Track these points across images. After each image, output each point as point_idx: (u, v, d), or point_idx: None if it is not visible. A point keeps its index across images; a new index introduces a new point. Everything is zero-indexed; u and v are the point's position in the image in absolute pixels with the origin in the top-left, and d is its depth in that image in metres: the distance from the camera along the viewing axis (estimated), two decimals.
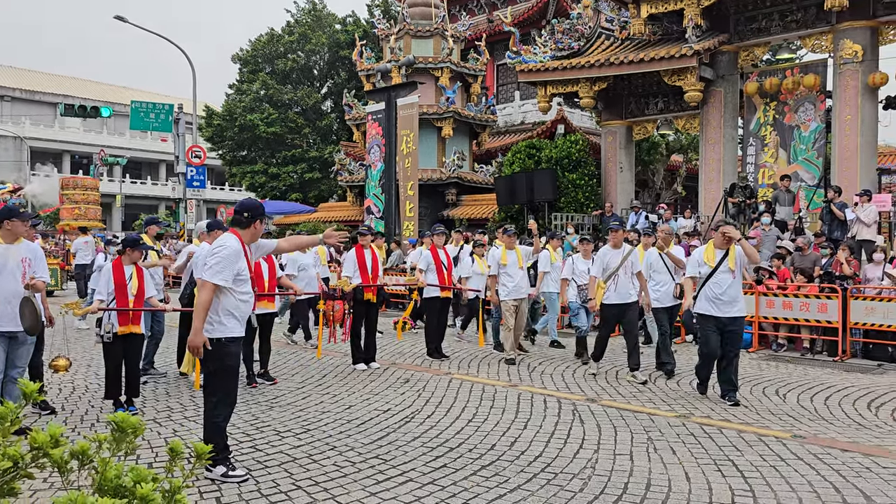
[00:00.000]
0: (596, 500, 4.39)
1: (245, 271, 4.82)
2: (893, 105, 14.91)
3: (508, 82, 29.93)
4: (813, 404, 7.03)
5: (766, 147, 16.11)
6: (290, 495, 4.45)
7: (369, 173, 20.86)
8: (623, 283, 8.11)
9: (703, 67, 15.77)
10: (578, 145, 18.67)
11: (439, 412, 6.61)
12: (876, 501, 4.35)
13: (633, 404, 6.95)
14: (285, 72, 35.28)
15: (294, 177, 34.08)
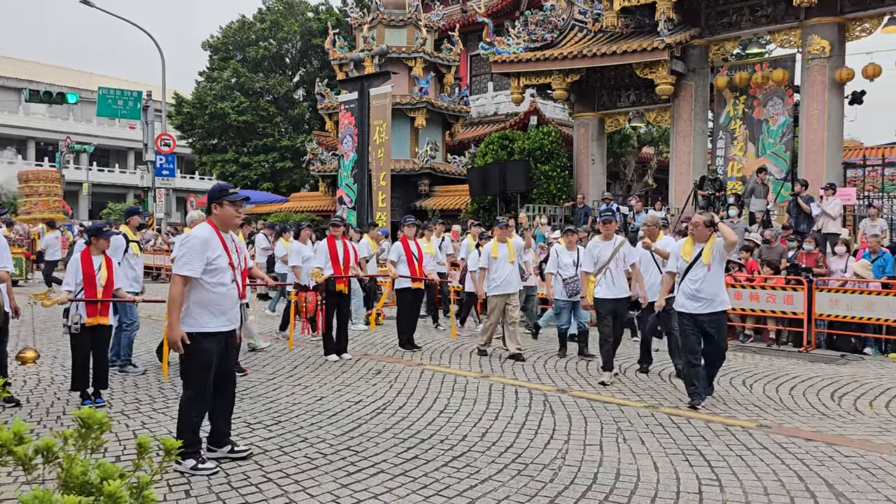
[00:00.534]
0: (566, 490, 4.43)
1: (218, 261, 4.65)
2: (859, 100, 15.18)
3: (482, 73, 29.90)
4: (778, 394, 7.17)
5: (735, 140, 16.32)
6: (261, 487, 4.43)
7: (342, 163, 20.71)
8: (615, 276, 7.74)
9: (675, 61, 15.92)
10: (551, 137, 18.76)
11: (411, 403, 6.62)
12: (837, 489, 4.46)
13: (604, 395, 7.03)
14: (257, 59, 34.89)
15: (265, 166, 33.77)
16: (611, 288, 7.74)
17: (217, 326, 4.67)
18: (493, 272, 9.03)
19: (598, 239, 7.97)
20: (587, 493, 4.39)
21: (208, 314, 4.62)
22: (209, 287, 4.61)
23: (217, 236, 4.69)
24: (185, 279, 4.56)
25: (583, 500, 4.26)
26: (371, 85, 17.68)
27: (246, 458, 4.90)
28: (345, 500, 4.25)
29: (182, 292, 4.58)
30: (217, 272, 4.64)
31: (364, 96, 17.08)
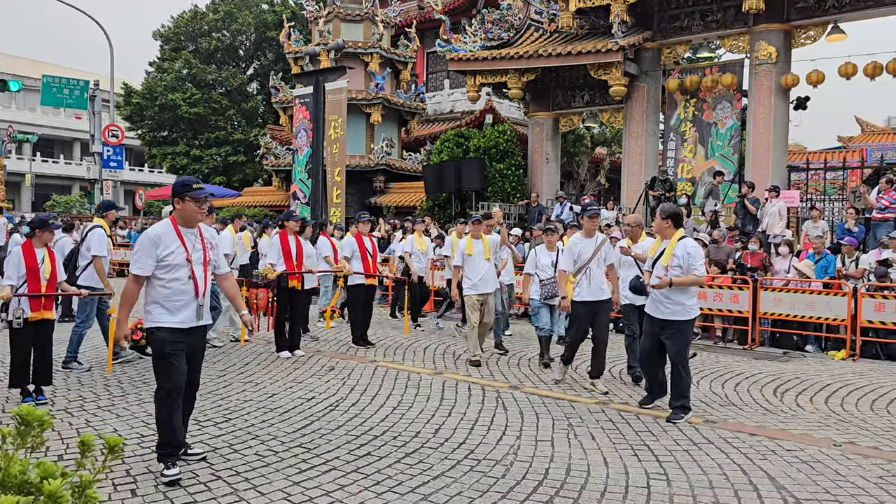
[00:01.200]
0: (517, 485, 4.47)
1: (172, 257, 4.51)
2: (803, 106, 15.64)
3: (438, 70, 29.90)
4: (724, 390, 7.35)
5: (685, 142, 16.65)
6: (210, 486, 4.35)
7: (296, 158, 20.50)
8: (596, 277, 7.14)
9: (628, 63, 16.17)
10: (506, 135, 18.87)
11: (364, 400, 6.59)
12: (779, 482, 4.59)
13: (555, 391, 7.10)
14: (209, 51, 34.23)
15: (217, 159, 33.18)
16: (591, 290, 7.12)
17: (173, 323, 4.52)
18: (468, 270, 8.51)
19: (580, 236, 7.31)
20: (538, 488, 4.43)
21: (163, 310, 4.53)
22: (163, 283, 4.52)
23: (174, 232, 4.58)
24: (137, 277, 4.51)
25: (534, 496, 4.30)
26: (326, 79, 17.52)
27: (200, 460, 4.78)
28: (296, 497, 4.21)
29: (133, 290, 4.51)
30: (170, 268, 4.53)
31: (319, 91, 16.92)
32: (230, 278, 5.10)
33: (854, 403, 6.88)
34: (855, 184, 17.71)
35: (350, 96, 20.78)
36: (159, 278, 4.52)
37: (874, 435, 5.77)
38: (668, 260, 6.09)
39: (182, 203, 4.61)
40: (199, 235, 4.72)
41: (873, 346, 9.61)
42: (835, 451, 5.29)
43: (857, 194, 12.88)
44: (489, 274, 8.52)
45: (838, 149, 26.37)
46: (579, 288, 7.15)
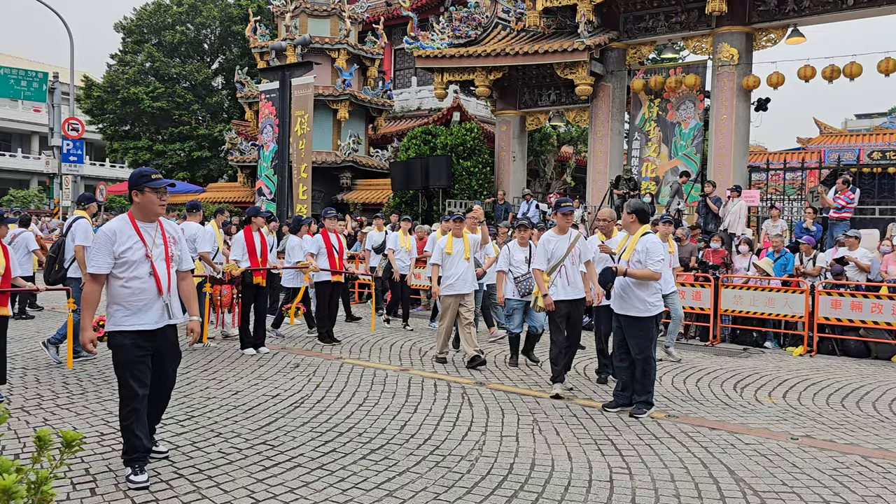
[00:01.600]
0: (482, 480, 4.49)
1: (130, 253, 4.31)
2: (764, 107, 15.95)
3: (406, 67, 29.83)
4: (686, 386, 7.48)
5: (649, 142, 16.87)
6: (172, 484, 4.30)
7: (261, 154, 20.29)
8: (572, 275, 6.88)
9: (594, 62, 16.32)
10: (473, 133, 18.92)
11: (329, 397, 6.56)
12: (738, 475, 4.69)
13: (521, 387, 7.15)
14: (173, 44, 33.69)
15: (181, 154, 32.69)
16: (566, 288, 6.84)
17: (133, 325, 4.31)
18: (446, 269, 8.26)
19: (553, 232, 7.02)
20: (503, 482, 4.46)
21: (125, 311, 4.31)
22: (122, 282, 4.32)
23: (132, 226, 4.38)
24: (95, 277, 4.31)
25: (499, 490, 4.33)
26: (293, 75, 17.39)
27: (163, 458, 4.70)
28: (260, 494, 4.17)
29: (92, 291, 4.30)
30: (129, 265, 4.32)
31: (285, 86, 16.78)
32: (188, 278, 4.79)
33: (811, 398, 7.05)
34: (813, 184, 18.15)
35: (317, 92, 20.64)
36: (118, 277, 4.32)
37: (829, 428, 5.92)
38: (629, 255, 6.19)
39: (141, 195, 4.40)
40: (159, 229, 4.50)
41: (830, 342, 9.85)
42: (792, 444, 5.42)
43: (814, 194, 13.20)
44: (468, 274, 8.30)
45: (797, 150, 26.96)
46: (554, 287, 6.84)
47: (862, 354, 9.57)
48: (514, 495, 4.25)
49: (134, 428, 4.29)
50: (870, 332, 9.55)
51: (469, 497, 4.21)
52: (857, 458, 5.12)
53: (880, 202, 15.88)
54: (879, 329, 9.38)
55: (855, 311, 9.42)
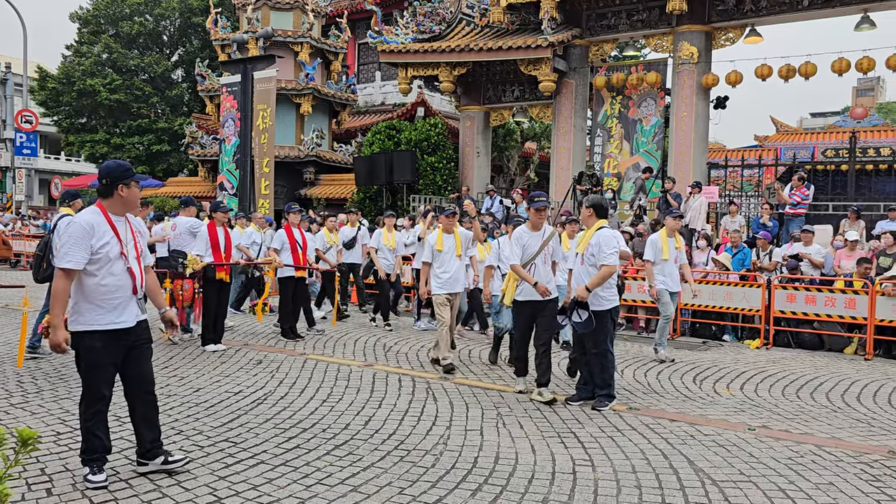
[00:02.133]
0: (447, 474, 4.51)
1: (106, 249, 4.13)
2: (722, 105, 16.25)
3: (370, 62, 29.67)
4: (646, 379, 7.59)
5: (611, 138, 17.06)
6: (131, 483, 4.23)
7: (223, 148, 19.98)
8: (542, 274, 6.56)
9: (557, 59, 16.44)
10: (437, 129, 18.90)
11: (293, 393, 6.52)
12: (697, 465, 4.78)
13: (485, 381, 7.19)
14: (131, 35, 32.97)
15: (140, 148, 32.04)
16: (533, 288, 6.47)
17: (109, 323, 4.16)
18: (437, 267, 7.90)
19: (526, 228, 6.66)
20: (468, 476, 4.49)
21: (98, 309, 4.15)
22: (97, 279, 4.14)
23: (106, 221, 4.21)
24: (68, 272, 4.09)
25: (463, 484, 4.35)
26: (255, 68, 17.16)
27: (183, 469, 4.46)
28: (222, 492, 4.13)
29: (65, 287, 4.09)
30: (105, 262, 4.16)
31: (248, 79, 16.57)
32: (151, 272, 4.66)
33: (767, 389, 7.22)
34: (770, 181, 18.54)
35: (279, 86, 20.40)
36: (92, 274, 4.12)
37: (785, 419, 6.07)
38: (583, 248, 6.35)
39: (127, 189, 4.24)
40: (127, 224, 4.35)
41: (785, 335, 10.10)
42: (749, 434, 5.55)
43: (771, 191, 13.48)
44: (459, 272, 7.96)
45: (754, 147, 27.51)
46: (522, 286, 6.55)
47: (816, 347, 9.83)
48: (479, 489, 4.28)
49: (95, 429, 4.19)
50: (823, 325, 9.81)
51: (433, 491, 4.23)
52: (812, 447, 5.26)
53: (833, 199, 16.29)
54: (832, 322, 9.64)
55: (809, 305, 9.67)
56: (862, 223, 12.01)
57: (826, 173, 20.80)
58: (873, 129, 26.11)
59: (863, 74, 14.95)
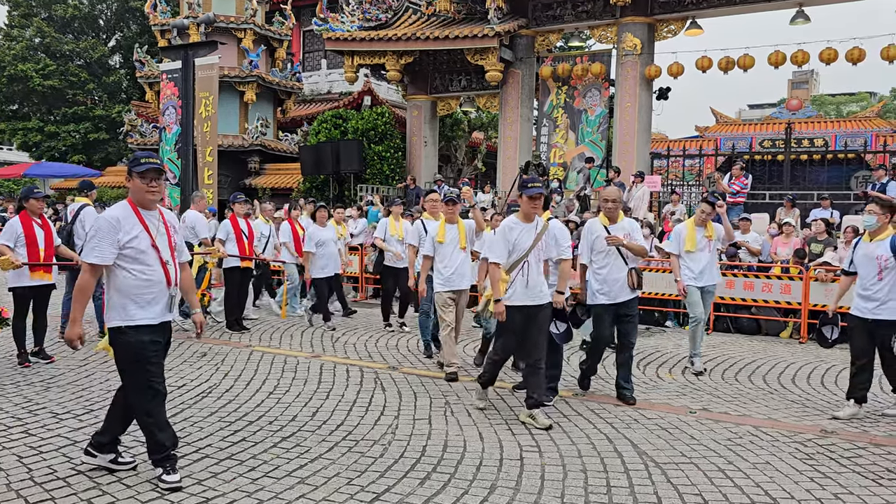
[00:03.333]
0: (396, 463, 4.51)
1: (137, 242, 4.03)
2: (665, 96, 16.57)
3: (315, 50, 29.28)
4: None
5: (557, 128, 17.24)
6: (69, 481, 4.10)
7: (164, 136, 19.46)
8: (535, 274, 5.55)
9: (504, 49, 16.50)
10: (384, 118, 18.80)
11: (238, 385, 6.42)
12: (641, 448, 4.89)
13: (433, 371, 7.20)
14: (65, 19, 31.77)
15: (76, 137, 30.94)
16: (525, 291, 5.50)
17: (146, 318, 4.07)
18: (439, 262, 7.07)
19: (516, 219, 5.64)
20: (416, 465, 4.49)
21: (134, 306, 4.03)
22: (132, 274, 4.03)
23: (135, 215, 4.07)
24: (95, 267, 3.97)
25: (412, 473, 4.36)
26: (196, 54, 16.73)
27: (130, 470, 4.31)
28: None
29: (91, 283, 3.99)
30: (137, 255, 4.04)
31: (189, 66, 16.14)
32: (187, 269, 4.52)
33: (707, 373, 7.42)
34: (710, 170, 19.00)
35: (222, 73, 19.96)
36: (126, 268, 4.03)
37: (724, 401, 6.26)
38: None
39: (131, 181, 4.12)
40: (160, 218, 4.22)
41: (725, 320, 10.39)
42: (690, 417, 5.70)
43: (711, 180, 13.81)
44: (464, 266, 7.06)
45: (695, 138, 28.14)
46: (513, 288, 5.51)
47: (753, 331, 10.14)
48: (427, 477, 4.29)
49: (159, 423, 4.14)
50: (760, 311, 10.13)
51: (382, 481, 4.22)
52: (749, 428, 5.44)
53: (770, 188, 16.81)
54: (769, 307, 9.96)
55: (747, 291, 9.96)
56: (797, 211, 12.43)
57: (763, 163, 21.43)
58: (807, 121, 27.00)
59: (798, 67, 15.44)
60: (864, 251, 5.87)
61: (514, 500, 3.98)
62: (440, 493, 4.06)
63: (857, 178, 21.83)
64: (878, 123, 26.25)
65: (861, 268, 5.86)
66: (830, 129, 25.98)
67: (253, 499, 3.94)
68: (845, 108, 44.21)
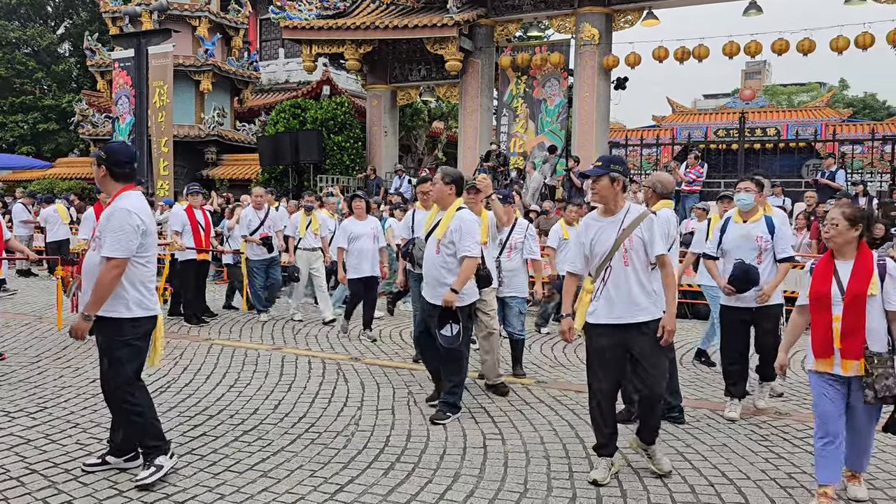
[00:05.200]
0: (359, 454, 4.50)
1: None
2: (622, 86, 16.76)
3: (272, 38, 28.86)
4: (553, 353, 7.80)
5: (517, 118, 17.31)
6: (23, 480, 4.00)
7: (117, 126, 19.05)
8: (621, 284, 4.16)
9: (463, 38, 16.49)
10: (344, 107, 18.65)
11: (198, 379, 6.32)
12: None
13: (396, 361, 7.20)
14: (10, 5, 30.77)
15: (24, 127, 30.02)
16: (611, 305, 4.16)
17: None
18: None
19: (597, 215, 4.35)
20: (380, 455, 4.49)
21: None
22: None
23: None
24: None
25: (376, 463, 4.35)
26: (149, 42, 16.40)
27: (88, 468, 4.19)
28: (123, 484, 3.97)
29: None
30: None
31: (142, 54, 15.81)
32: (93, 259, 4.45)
33: None
34: (667, 159, 19.30)
35: (177, 62, 19.55)
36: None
37: (682, 386, 6.32)
38: (442, 233, 5.22)
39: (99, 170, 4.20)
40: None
41: (683, 306, 10.57)
42: None
43: (668, 169, 14.01)
44: (489, 263, 5.92)
45: (652, 127, 28.57)
46: (595, 303, 4.24)
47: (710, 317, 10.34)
48: (391, 467, 4.29)
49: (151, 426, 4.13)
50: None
51: (345, 472, 4.21)
52: (706, 411, 5.56)
53: (725, 176, 17.16)
54: None
55: (704, 278, 10.13)
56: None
57: (718, 152, 21.83)
58: (760, 111, 27.59)
59: (751, 58, 15.76)
60: (739, 232, 5.43)
61: (478, 488, 4.01)
62: (404, 483, 4.06)
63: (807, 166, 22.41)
64: (828, 113, 26.96)
65: (737, 251, 5.36)
66: (782, 118, 26.61)
67: (214, 493, 3.89)
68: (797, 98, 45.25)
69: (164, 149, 18.07)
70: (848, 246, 3.77)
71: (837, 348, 3.71)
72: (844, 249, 3.79)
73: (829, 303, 3.74)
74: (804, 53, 14.56)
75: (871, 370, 3.61)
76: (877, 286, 3.69)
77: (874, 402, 3.64)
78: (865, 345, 3.66)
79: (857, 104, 40.61)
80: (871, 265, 3.72)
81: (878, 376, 3.58)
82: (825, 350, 3.74)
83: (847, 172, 14.89)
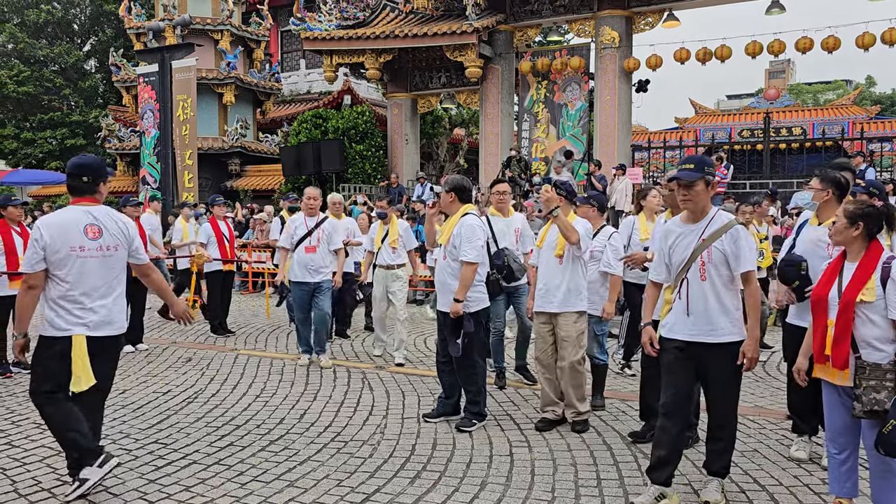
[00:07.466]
0: (385, 463, 4.49)
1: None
2: (644, 88, 16.64)
3: (293, 50, 29.12)
4: None
5: (538, 123, 17.26)
6: (54, 492, 4.05)
7: (143, 140, 19.31)
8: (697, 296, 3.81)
9: (483, 45, 16.50)
10: (365, 116, 18.73)
11: (224, 390, 6.36)
12: (629, 439, 4.90)
13: (420, 369, 7.19)
14: (38, 24, 31.34)
15: (53, 143, 30.55)
16: (684, 319, 3.84)
17: None
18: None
19: (681, 221, 3.95)
20: (406, 464, 4.48)
21: None
22: None
23: None
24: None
25: (402, 472, 4.34)
26: (173, 57, 16.62)
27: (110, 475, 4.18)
28: (153, 495, 4.00)
29: None
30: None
31: (165, 69, 16.02)
32: None
33: None
34: None
35: (200, 75, 19.80)
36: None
37: None
38: (446, 239, 5.26)
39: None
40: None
41: None
42: None
43: None
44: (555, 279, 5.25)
45: (675, 129, 28.33)
46: (674, 315, 3.91)
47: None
48: (417, 476, 4.28)
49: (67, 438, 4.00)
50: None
51: (372, 481, 4.20)
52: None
53: (750, 177, 16.97)
54: None
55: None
56: (778, 203, 12.54)
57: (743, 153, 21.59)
58: (785, 110, 27.25)
59: (774, 57, 15.57)
60: (810, 236, 4.55)
61: (505, 496, 3.98)
62: (431, 492, 4.05)
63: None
64: (855, 111, 26.56)
65: (807, 257, 4.44)
66: (808, 117, 26.25)
67: (241, 503, 3.91)
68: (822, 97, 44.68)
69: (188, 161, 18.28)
70: (852, 246, 3.50)
71: (828, 355, 3.49)
72: (851, 249, 3.52)
73: (825, 306, 3.50)
74: (829, 51, 14.36)
75: (860, 381, 3.32)
76: (872, 292, 3.35)
77: (861, 415, 3.31)
78: (858, 354, 3.38)
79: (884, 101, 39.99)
80: (873, 269, 3.39)
81: (867, 388, 3.29)
82: (820, 356, 3.54)
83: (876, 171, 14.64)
